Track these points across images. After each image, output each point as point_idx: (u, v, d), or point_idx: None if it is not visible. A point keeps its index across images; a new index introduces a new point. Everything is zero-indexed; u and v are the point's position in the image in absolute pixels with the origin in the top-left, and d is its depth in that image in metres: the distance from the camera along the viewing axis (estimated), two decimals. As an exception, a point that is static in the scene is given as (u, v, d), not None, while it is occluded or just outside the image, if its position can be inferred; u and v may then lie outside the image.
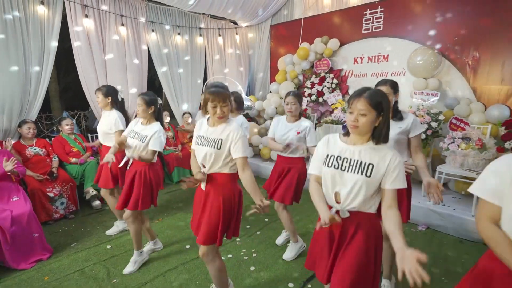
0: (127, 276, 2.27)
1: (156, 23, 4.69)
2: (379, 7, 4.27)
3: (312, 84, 4.92)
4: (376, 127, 1.26)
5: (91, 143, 3.66)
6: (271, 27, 5.78)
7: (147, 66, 4.68)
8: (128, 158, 2.32)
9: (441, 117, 3.38)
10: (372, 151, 1.26)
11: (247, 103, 5.31)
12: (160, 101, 2.37)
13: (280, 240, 2.74)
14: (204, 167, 1.72)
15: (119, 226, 2.97)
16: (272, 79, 5.75)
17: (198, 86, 5.36)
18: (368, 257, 1.27)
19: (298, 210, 3.37)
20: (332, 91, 4.76)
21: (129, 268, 2.32)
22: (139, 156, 2.17)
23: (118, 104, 2.81)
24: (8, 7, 3.24)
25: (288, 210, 2.49)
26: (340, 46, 4.73)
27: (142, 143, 2.24)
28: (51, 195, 3.15)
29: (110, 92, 2.77)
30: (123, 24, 4.24)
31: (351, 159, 1.27)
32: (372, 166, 1.24)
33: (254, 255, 2.56)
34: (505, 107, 3.25)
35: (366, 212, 1.30)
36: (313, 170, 1.42)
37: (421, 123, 3.20)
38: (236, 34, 5.92)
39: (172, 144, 4.67)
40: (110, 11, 4.11)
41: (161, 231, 2.99)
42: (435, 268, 2.33)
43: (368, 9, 4.39)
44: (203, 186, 1.74)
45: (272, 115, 5.28)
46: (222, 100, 1.61)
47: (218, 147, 1.64)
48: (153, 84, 8.88)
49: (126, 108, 4.24)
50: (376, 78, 4.38)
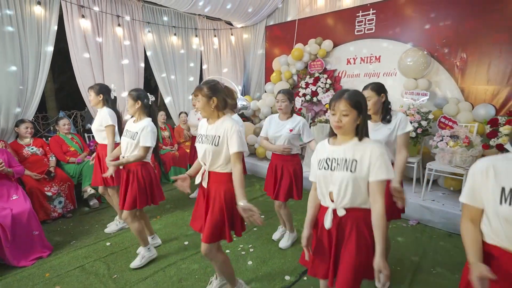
0: (127, 272, 2.32)
1: (152, 24, 4.73)
2: (371, 9, 4.39)
3: (307, 84, 5.02)
4: (358, 125, 1.33)
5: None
6: (266, 28, 5.87)
7: (143, 66, 4.72)
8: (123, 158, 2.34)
9: (430, 116, 3.50)
10: (355, 147, 1.32)
11: (243, 103, 5.39)
12: (151, 97, 2.34)
13: (276, 235, 2.82)
14: (205, 164, 1.77)
15: (118, 224, 3.01)
16: (267, 79, 5.82)
17: (194, 86, 5.41)
18: (367, 252, 1.31)
19: (297, 211, 3.46)
20: (326, 91, 4.86)
21: (136, 262, 2.36)
22: (127, 160, 2.22)
23: (109, 102, 2.80)
24: (5, 7, 3.25)
25: (287, 206, 2.59)
26: (334, 47, 4.84)
27: (133, 140, 2.24)
28: (49, 194, 3.18)
29: (102, 90, 2.77)
30: (119, 25, 4.27)
31: (338, 159, 1.34)
32: (356, 161, 1.29)
33: (251, 250, 2.63)
34: (490, 106, 3.39)
35: (360, 208, 1.34)
36: (311, 178, 1.50)
37: (411, 122, 3.39)
38: (232, 35, 5.98)
39: (169, 144, 4.71)
40: (107, 12, 4.14)
41: (159, 228, 3.04)
42: (425, 260, 2.43)
43: (360, 11, 4.50)
44: (204, 183, 1.78)
45: (267, 114, 5.36)
46: (197, 94, 1.69)
47: (216, 143, 1.68)
48: (148, 84, 8.89)
49: (123, 108, 4.29)
50: (369, 79, 4.50)
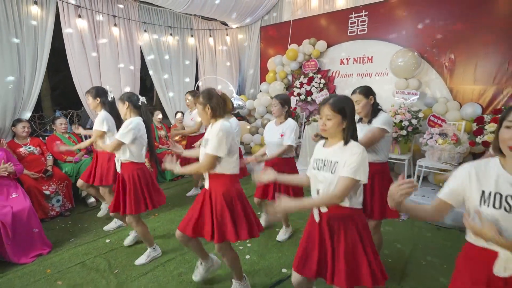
0: (128, 267, 2.37)
1: (149, 24, 4.77)
2: (363, 11, 4.50)
3: (301, 84, 5.12)
4: (344, 129, 1.41)
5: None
6: (260, 28, 5.95)
7: (139, 66, 4.75)
8: (118, 159, 2.36)
9: (420, 114, 3.64)
10: (339, 150, 1.41)
11: (238, 102, 5.46)
12: (142, 98, 2.35)
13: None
14: None
15: (117, 222, 3.05)
16: (262, 79, 5.91)
17: (190, 86, 5.46)
18: (356, 250, 1.37)
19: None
20: (320, 91, 4.97)
21: (141, 260, 2.42)
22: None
23: (106, 104, 2.81)
24: (2, 7, 3.26)
25: None
26: (327, 48, 4.95)
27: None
28: (47, 193, 3.20)
29: (99, 93, 2.80)
30: (115, 25, 4.30)
31: (325, 160, 1.44)
32: (337, 163, 1.39)
33: (248, 245, 2.70)
34: (477, 105, 3.54)
35: (343, 206, 1.39)
36: (307, 172, 1.59)
37: (401, 121, 3.51)
38: (227, 35, 6.04)
39: (165, 143, 4.75)
40: (103, 12, 4.17)
41: (158, 226, 3.10)
42: (415, 252, 2.54)
43: (353, 12, 4.62)
44: (206, 185, 1.85)
45: (263, 114, 5.45)
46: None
47: (205, 146, 1.79)
48: (144, 83, 8.86)
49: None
50: (361, 79, 4.62)
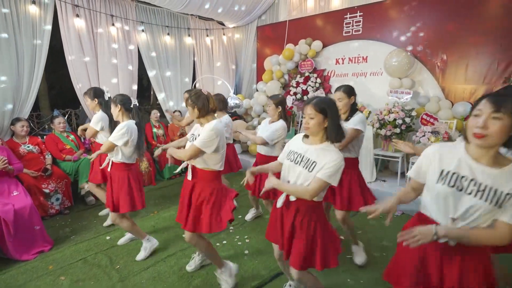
0: (130, 263, 2.42)
1: (146, 23, 4.80)
2: (358, 11, 4.59)
3: (297, 83, 5.19)
4: (326, 127, 1.49)
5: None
6: (257, 28, 6.00)
7: (137, 65, 4.78)
8: (109, 159, 2.42)
9: (413, 113, 3.74)
10: (321, 151, 1.49)
11: (235, 101, 5.51)
12: (134, 101, 2.37)
13: (248, 216, 3.04)
14: None
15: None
16: (259, 79, 5.96)
17: (187, 85, 5.50)
18: (310, 236, 1.52)
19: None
20: (316, 90, 5.05)
21: (141, 255, 2.47)
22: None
23: (103, 104, 2.85)
24: (0, 6, 3.27)
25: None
26: (323, 48, 5.02)
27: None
28: (47, 191, 3.23)
29: (96, 94, 2.85)
30: (113, 24, 4.32)
31: (303, 156, 1.52)
32: (315, 163, 1.47)
33: (247, 240, 2.77)
34: (468, 104, 3.63)
35: (307, 199, 1.50)
36: (279, 158, 1.72)
37: (395, 119, 3.60)
38: (224, 34, 6.09)
39: (163, 142, 4.79)
40: (101, 11, 4.19)
41: (158, 223, 3.15)
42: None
43: (348, 13, 4.70)
44: (189, 176, 1.95)
45: (260, 113, 5.51)
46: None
47: (191, 140, 1.91)
48: (141, 82, 8.87)
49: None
50: (356, 78, 4.70)
